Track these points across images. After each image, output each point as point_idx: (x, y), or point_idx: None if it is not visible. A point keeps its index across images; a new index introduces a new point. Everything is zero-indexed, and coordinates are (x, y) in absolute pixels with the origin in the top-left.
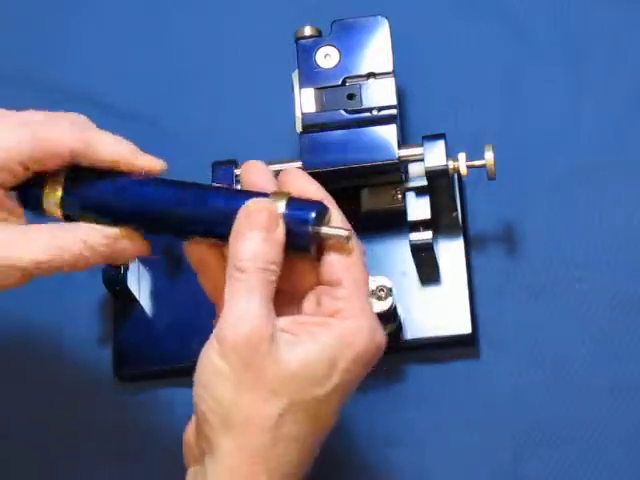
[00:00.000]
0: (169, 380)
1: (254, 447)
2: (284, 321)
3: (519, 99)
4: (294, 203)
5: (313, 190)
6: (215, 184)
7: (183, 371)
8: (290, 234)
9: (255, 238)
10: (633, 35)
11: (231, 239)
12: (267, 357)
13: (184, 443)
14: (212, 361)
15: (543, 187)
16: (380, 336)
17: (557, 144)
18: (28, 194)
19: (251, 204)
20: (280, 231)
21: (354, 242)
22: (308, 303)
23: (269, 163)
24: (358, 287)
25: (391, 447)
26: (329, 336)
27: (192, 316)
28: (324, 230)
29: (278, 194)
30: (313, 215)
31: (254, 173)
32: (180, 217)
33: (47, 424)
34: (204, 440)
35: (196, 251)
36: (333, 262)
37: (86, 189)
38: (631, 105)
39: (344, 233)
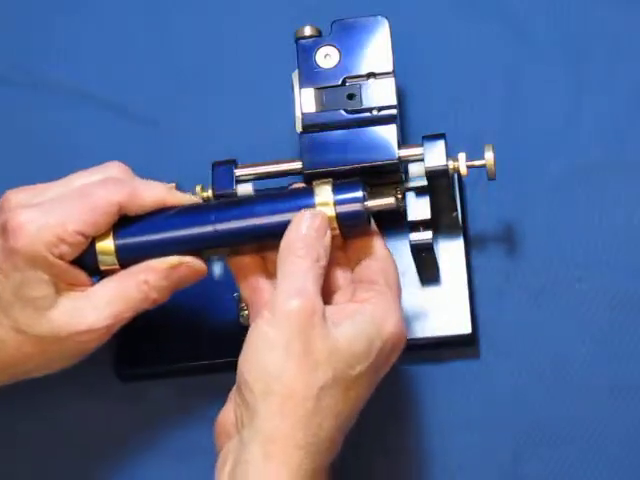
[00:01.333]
0: (169, 380)
1: (295, 415)
2: (329, 309)
3: (519, 99)
4: (338, 187)
5: None
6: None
7: (184, 371)
8: (345, 216)
9: (311, 235)
10: (633, 35)
11: (288, 232)
12: (317, 330)
13: (217, 425)
14: (263, 331)
15: (543, 187)
16: (404, 329)
17: (557, 144)
18: (84, 259)
19: (306, 212)
20: (328, 237)
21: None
22: (342, 294)
23: (269, 163)
24: (390, 287)
25: (390, 447)
26: (364, 316)
27: (192, 316)
28: (371, 203)
29: (320, 183)
30: (361, 193)
31: None
32: (232, 233)
33: (47, 424)
34: (244, 411)
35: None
36: (370, 265)
37: (135, 232)
38: (631, 105)
39: (391, 200)
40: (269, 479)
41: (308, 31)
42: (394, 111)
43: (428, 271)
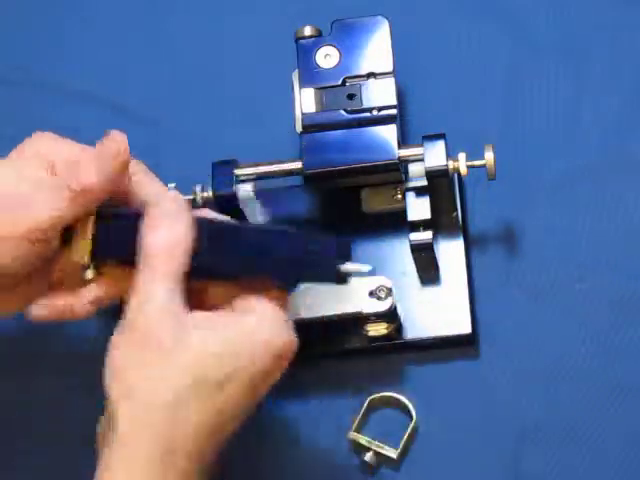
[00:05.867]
0: None
1: (148, 422)
2: (196, 314)
3: (519, 99)
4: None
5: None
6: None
7: None
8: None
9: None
10: (633, 35)
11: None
12: (169, 334)
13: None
14: (114, 339)
15: (543, 187)
16: (287, 334)
17: (557, 144)
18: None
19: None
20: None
21: None
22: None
23: (269, 163)
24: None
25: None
26: (232, 327)
27: None
28: None
29: None
30: None
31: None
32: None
33: (47, 424)
34: (106, 417)
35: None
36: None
37: (119, 233)
38: (631, 105)
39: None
40: None
41: (308, 31)
42: (394, 111)
43: (428, 271)
